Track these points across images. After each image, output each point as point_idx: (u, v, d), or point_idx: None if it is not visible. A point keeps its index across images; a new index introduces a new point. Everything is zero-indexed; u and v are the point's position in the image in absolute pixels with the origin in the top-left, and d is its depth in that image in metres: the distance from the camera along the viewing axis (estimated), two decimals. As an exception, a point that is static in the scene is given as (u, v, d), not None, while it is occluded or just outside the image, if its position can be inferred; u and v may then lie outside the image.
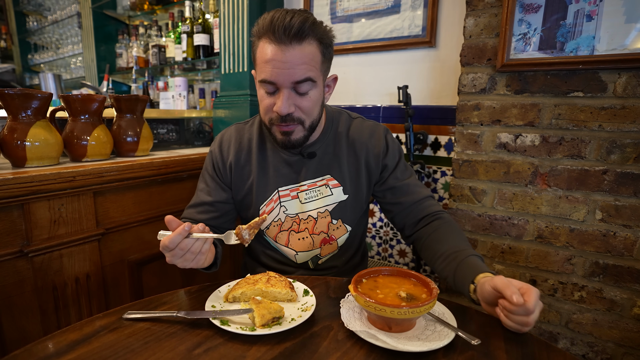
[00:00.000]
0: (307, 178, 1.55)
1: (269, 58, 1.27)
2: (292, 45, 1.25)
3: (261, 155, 1.58)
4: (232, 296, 1.17)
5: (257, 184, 1.56)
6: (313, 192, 1.55)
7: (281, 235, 1.59)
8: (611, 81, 1.74)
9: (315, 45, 1.31)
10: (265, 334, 0.99)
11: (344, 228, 1.60)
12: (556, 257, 1.95)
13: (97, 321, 1.06)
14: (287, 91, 1.30)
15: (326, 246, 1.61)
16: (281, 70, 1.26)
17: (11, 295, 1.44)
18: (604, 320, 1.88)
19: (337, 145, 1.57)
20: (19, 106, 1.56)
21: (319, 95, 1.40)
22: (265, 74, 1.30)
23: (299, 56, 1.27)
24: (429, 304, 0.95)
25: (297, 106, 1.34)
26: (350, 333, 1.01)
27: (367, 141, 1.57)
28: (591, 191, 1.83)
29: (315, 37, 1.29)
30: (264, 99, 1.37)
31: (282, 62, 1.26)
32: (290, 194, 1.56)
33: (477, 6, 1.99)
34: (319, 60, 1.34)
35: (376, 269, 1.16)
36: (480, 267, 1.18)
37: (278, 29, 1.23)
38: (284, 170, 1.56)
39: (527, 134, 1.94)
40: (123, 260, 1.82)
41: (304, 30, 1.25)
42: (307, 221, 1.56)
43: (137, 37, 3.84)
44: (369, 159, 1.56)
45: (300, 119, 1.37)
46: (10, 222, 1.43)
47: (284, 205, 1.56)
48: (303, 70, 1.28)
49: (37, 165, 1.62)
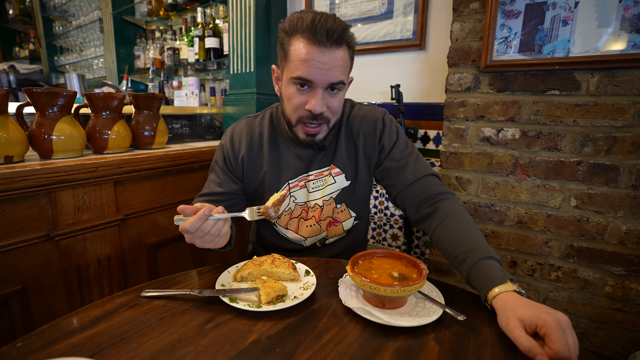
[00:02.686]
0: (314, 168, 1.51)
1: (307, 57, 1.22)
2: (332, 49, 1.22)
3: (273, 149, 1.52)
4: (240, 276, 1.16)
5: (269, 177, 1.51)
6: (319, 182, 1.51)
7: (291, 223, 1.55)
8: (585, 80, 1.73)
9: (347, 51, 1.28)
10: (270, 310, 0.99)
11: (347, 212, 1.55)
12: (535, 241, 1.95)
13: (117, 299, 1.06)
14: (321, 91, 1.27)
15: (332, 228, 1.57)
16: (320, 70, 1.23)
17: (39, 275, 1.44)
18: (578, 298, 1.88)
19: (338, 134, 1.52)
20: (46, 103, 1.55)
21: (344, 96, 1.39)
22: (302, 71, 1.24)
23: (336, 59, 1.24)
24: (419, 283, 0.95)
25: (328, 106, 1.31)
26: (347, 309, 1.00)
27: (363, 126, 1.50)
28: (566, 180, 1.83)
29: (348, 44, 1.27)
30: (294, 97, 1.31)
31: (321, 62, 1.22)
32: (299, 183, 1.52)
33: (462, 12, 1.98)
34: (349, 64, 1.33)
35: (371, 251, 1.15)
36: (488, 280, 1.03)
37: (320, 31, 1.19)
38: (294, 163, 1.51)
39: (508, 129, 1.93)
40: (141, 243, 1.82)
41: (344, 37, 1.23)
42: (314, 209, 1.53)
43: (153, 41, 3.82)
44: (366, 143, 1.49)
45: (327, 118, 1.34)
46: (39, 209, 1.43)
47: (294, 195, 1.52)
48: (338, 73, 1.26)
49: (63, 157, 1.61)
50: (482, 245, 1.13)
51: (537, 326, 0.84)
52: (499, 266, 1.07)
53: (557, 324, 0.83)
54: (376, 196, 2.66)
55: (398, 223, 2.62)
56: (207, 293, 1.06)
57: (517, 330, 0.85)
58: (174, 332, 0.90)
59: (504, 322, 0.90)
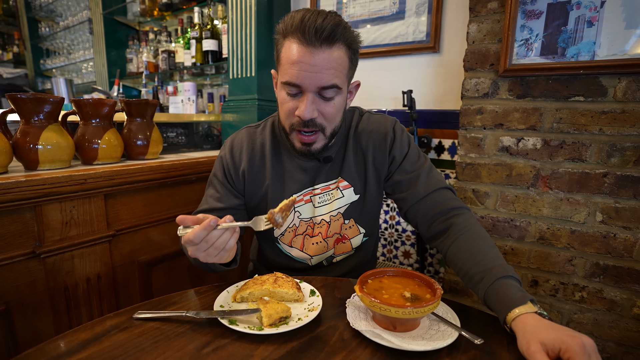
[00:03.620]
0: (320, 181, 1.50)
1: (295, 59, 1.20)
2: (322, 49, 1.19)
3: (276, 161, 1.51)
4: (240, 296, 1.17)
5: (272, 191, 1.50)
6: (326, 196, 1.50)
7: (296, 240, 1.54)
8: (611, 86, 1.74)
9: (344, 51, 1.25)
10: (273, 333, 0.99)
11: (356, 228, 1.54)
12: (557, 258, 1.95)
13: (108, 321, 1.07)
14: (311, 95, 1.24)
15: (339, 245, 1.56)
16: (308, 73, 1.20)
17: (24, 295, 1.45)
18: (604, 320, 1.87)
19: (346, 145, 1.50)
20: (31, 110, 1.56)
21: (343, 102, 1.35)
22: (290, 76, 1.23)
23: (328, 60, 1.20)
24: (433, 304, 0.95)
25: (320, 112, 1.28)
26: (355, 332, 1.01)
27: (373, 136, 1.48)
28: (592, 194, 1.83)
29: (345, 42, 1.24)
30: (285, 102, 1.30)
31: (309, 65, 1.19)
32: (304, 198, 1.51)
33: (480, 12, 1.99)
34: (346, 66, 1.28)
35: (381, 269, 1.16)
36: (507, 300, 1.02)
37: (309, 30, 1.16)
38: (298, 176, 1.49)
39: (529, 138, 1.94)
40: (133, 261, 1.82)
41: (336, 34, 1.19)
42: (321, 225, 1.52)
43: (147, 43, 3.85)
44: (375, 155, 1.47)
45: (321, 126, 1.31)
46: (23, 224, 1.43)
47: (298, 210, 1.51)
48: (330, 76, 1.22)
49: (49, 168, 1.62)
50: (500, 263, 1.13)
51: (560, 350, 0.83)
52: (518, 286, 1.06)
53: (582, 348, 0.81)
54: (387, 210, 2.66)
55: (410, 239, 2.62)
56: (204, 315, 1.06)
57: (538, 355, 0.84)
58: (169, 356, 0.90)
59: (525, 346, 0.89)
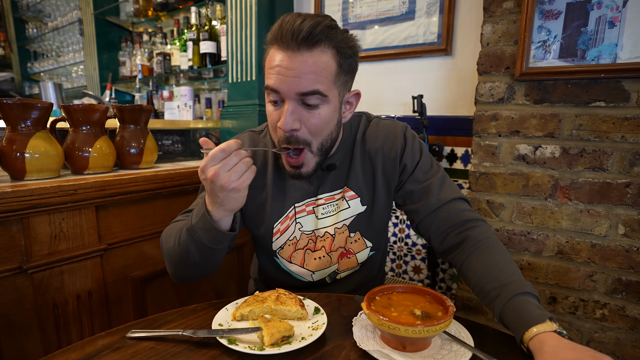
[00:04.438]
0: (324, 191, 1.48)
1: (274, 64, 1.19)
2: (300, 52, 1.16)
3: (277, 167, 1.49)
4: (240, 314, 1.17)
5: (272, 199, 1.48)
6: (330, 207, 1.49)
7: (296, 255, 1.53)
8: (634, 90, 1.74)
9: (330, 55, 1.20)
10: (275, 353, 0.99)
11: (362, 242, 1.53)
12: (577, 274, 1.95)
13: (100, 340, 1.07)
14: (292, 104, 1.21)
15: (344, 260, 1.54)
16: (285, 77, 1.17)
17: (10, 313, 1.45)
18: (626, 339, 1.86)
19: (353, 153, 1.49)
20: (18, 116, 1.56)
21: (332, 113, 1.29)
22: (269, 80, 1.22)
23: (307, 64, 1.17)
24: (445, 322, 0.95)
25: (303, 123, 1.25)
26: (363, 352, 1.01)
27: (382, 144, 1.46)
28: (613, 205, 1.83)
29: (330, 45, 1.20)
30: (270, 114, 1.29)
31: (287, 68, 1.17)
32: (306, 208, 1.49)
33: (494, 12, 2.01)
34: (333, 71, 1.22)
35: (390, 286, 1.16)
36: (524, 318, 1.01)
37: (286, 33, 1.15)
38: (300, 184, 1.47)
39: (547, 146, 1.94)
40: (126, 276, 1.82)
41: (314, 35, 1.15)
42: (324, 238, 1.51)
43: (141, 45, 3.88)
44: (385, 163, 1.45)
45: (306, 141, 1.28)
46: (9, 237, 1.44)
47: (299, 222, 1.50)
48: (310, 81, 1.18)
49: (37, 178, 1.63)
50: (518, 279, 1.12)
51: None
52: (536, 303, 1.06)
53: None
54: (395, 223, 2.67)
55: (421, 253, 2.62)
56: (202, 334, 1.07)
57: None
58: (165, 378, 0.91)
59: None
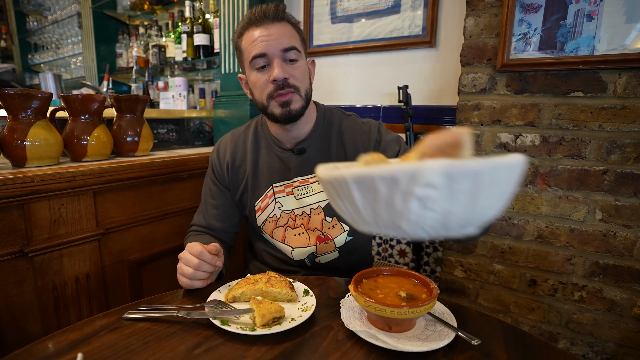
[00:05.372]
0: (298, 174, 1.59)
1: (255, 37, 1.42)
2: (273, 23, 1.42)
3: (255, 153, 1.64)
4: (232, 296, 1.17)
5: (252, 180, 1.63)
6: (305, 189, 1.58)
7: (277, 232, 1.62)
8: (611, 81, 1.74)
9: (291, 27, 1.47)
10: (266, 334, 0.99)
11: (340, 227, 1.59)
12: (556, 257, 1.95)
13: (97, 321, 1.07)
14: (278, 60, 1.42)
15: (322, 245, 1.60)
16: (269, 42, 1.40)
17: (11, 295, 1.44)
18: (604, 320, 1.88)
19: (328, 142, 1.60)
20: (19, 106, 1.56)
21: (306, 67, 1.52)
22: (255, 49, 1.42)
23: (282, 30, 1.43)
24: (429, 304, 0.95)
25: (290, 74, 1.44)
26: (350, 333, 1.01)
27: (356, 138, 1.58)
28: (591, 191, 1.83)
29: (288, 21, 1.47)
30: (257, 80, 1.47)
31: (268, 35, 1.41)
32: (285, 190, 1.60)
33: (477, 6, 2.00)
34: (298, 38, 1.50)
35: (376, 269, 1.16)
36: None
37: (258, 15, 1.41)
38: (276, 166, 1.61)
39: (527, 134, 1.94)
40: (123, 260, 1.82)
41: (279, 13, 1.43)
42: (302, 217, 1.59)
43: (137, 37, 3.85)
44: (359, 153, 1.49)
45: (295, 86, 1.46)
46: (10, 222, 1.43)
47: (279, 202, 1.60)
48: (287, 39, 1.43)
49: (37, 165, 1.62)
50: None
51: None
52: None
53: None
54: (382, 208, 2.65)
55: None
56: (196, 315, 1.06)
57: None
58: (160, 357, 0.90)
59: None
